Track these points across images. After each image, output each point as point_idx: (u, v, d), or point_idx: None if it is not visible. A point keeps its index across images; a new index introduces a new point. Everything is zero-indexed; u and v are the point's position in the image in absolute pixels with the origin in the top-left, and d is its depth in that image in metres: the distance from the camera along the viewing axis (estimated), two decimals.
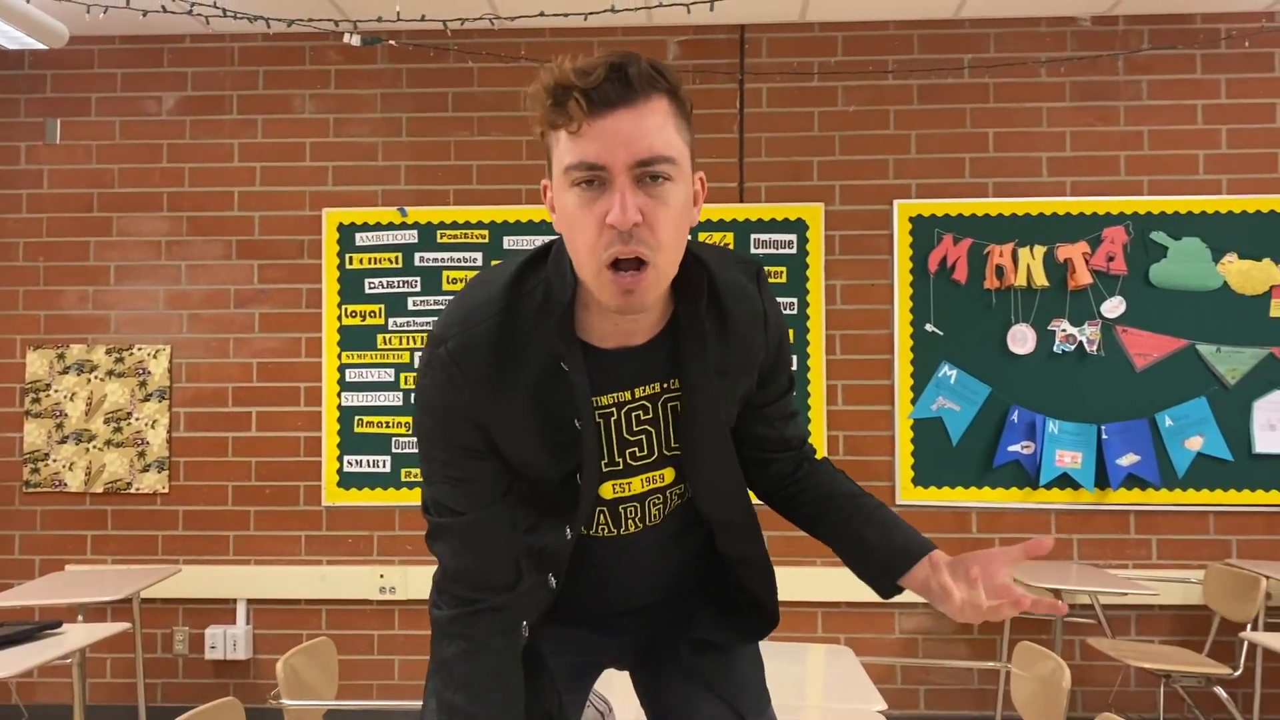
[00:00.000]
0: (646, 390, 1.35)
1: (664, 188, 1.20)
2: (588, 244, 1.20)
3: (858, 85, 4.48)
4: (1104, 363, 4.36)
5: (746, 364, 1.41)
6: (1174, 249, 4.38)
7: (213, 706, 2.22)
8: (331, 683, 2.89)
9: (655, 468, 1.38)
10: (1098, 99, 4.45)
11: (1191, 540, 4.35)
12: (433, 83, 4.58)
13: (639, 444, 1.36)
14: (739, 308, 1.37)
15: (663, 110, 1.21)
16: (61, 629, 3.12)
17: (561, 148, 1.21)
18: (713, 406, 1.36)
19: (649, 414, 1.35)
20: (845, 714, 2.08)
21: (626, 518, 1.42)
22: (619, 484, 1.38)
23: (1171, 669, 3.96)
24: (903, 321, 4.42)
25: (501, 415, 1.30)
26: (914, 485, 4.39)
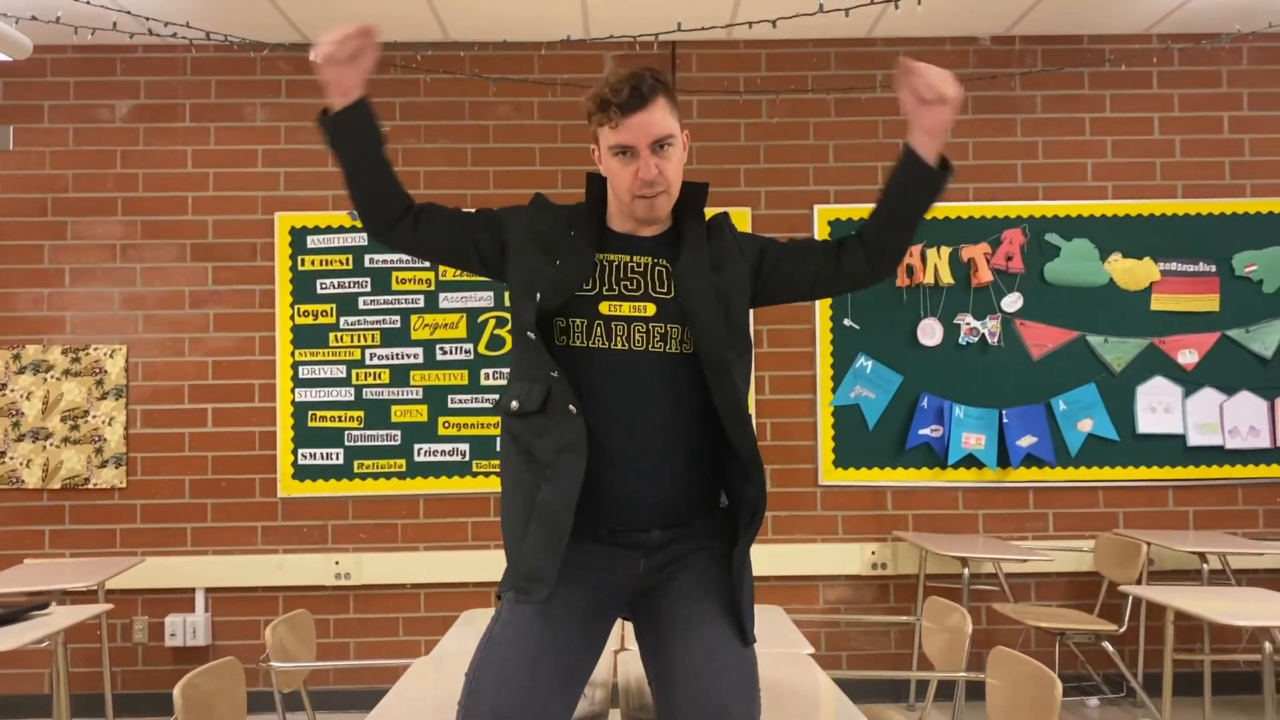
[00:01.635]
0: (642, 259, 1.93)
1: (668, 151, 1.88)
2: (626, 186, 1.88)
3: (779, 99, 4.84)
4: (1004, 353, 4.78)
5: (731, 259, 1.95)
6: (1066, 249, 4.82)
7: (216, 665, 2.45)
8: (310, 652, 3.13)
9: (641, 300, 1.88)
10: (997, 112, 4.88)
11: (1083, 513, 4.80)
12: (381, 93, 4.79)
13: (630, 282, 1.90)
14: (717, 227, 2.01)
15: (663, 105, 1.86)
16: (50, 610, 3.29)
17: (606, 134, 1.88)
18: (702, 272, 1.90)
19: (641, 269, 1.92)
20: (778, 657, 2.41)
21: (617, 334, 1.86)
22: (612, 304, 1.88)
23: (1066, 627, 4.39)
24: (823, 317, 4.79)
25: (541, 227, 1.94)
26: (835, 467, 4.76)
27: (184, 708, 2.21)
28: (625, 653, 2.62)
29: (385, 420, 4.71)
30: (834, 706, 2.18)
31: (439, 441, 4.71)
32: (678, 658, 1.79)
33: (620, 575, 1.88)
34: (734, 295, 1.92)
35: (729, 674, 1.76)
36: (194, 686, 2.31)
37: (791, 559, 4.73)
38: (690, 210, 1.98)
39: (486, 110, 4.82)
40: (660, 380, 1.86)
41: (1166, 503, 4.81)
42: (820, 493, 4.78)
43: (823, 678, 2.43)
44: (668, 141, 1.86)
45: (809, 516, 4.77)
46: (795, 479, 4.76)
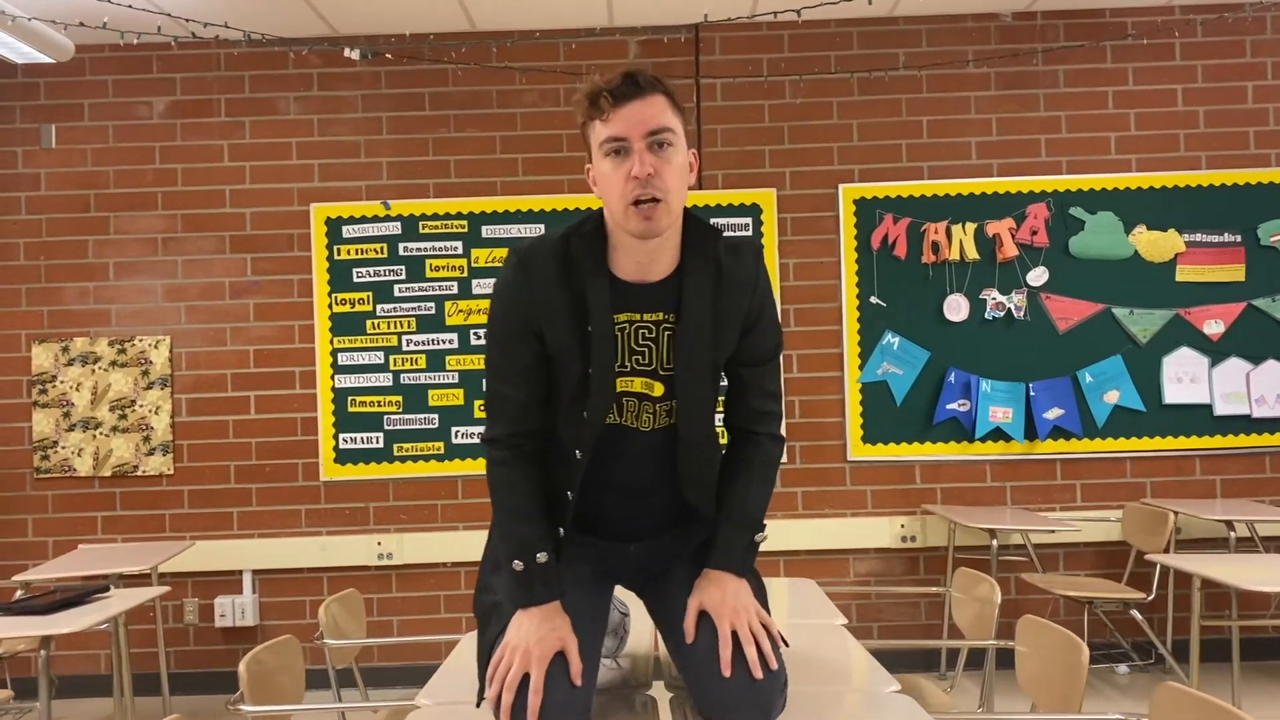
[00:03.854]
0: (652, 316, 1.79)
1: (667, 151, 1.70)
2: (618, 192, 1.70)
3: (803, 80, 4.89)
4: (1030, 327, 4.83)
5: (734, 315, 1.83)
6: (1090, 222, 4.85)
7: (276, 643, 2.56)
8: (361, 629, 3.26)
9: (651, 377, 1.81)
10: (1020, 88, 4.91)
11: (1111, 483, 4.85)
12: (410, 84, 4.90)
13: (642, 354, 1.80)
14: (735, 268, 1.82)
15: (662, 103, 1.72)
16: (110, 593, 3.43)
17: (596, 132, 1.72)
18: (703, 335, 1.79)
19: (651, 334, 1.79)
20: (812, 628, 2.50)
21: (628, 411, 1.83)
22: (625, 381, 1.81)
23: (1094, 596, 4.46)
24: (849, 295, 4.86)
25: (549, 309, 1.77)
26: (863, 442, 4.84)
27: (249, 682, 2.33)
28: None
29: (423, 404, 4.83)
30: (868, 675, 2.27)
31: (475, 424, 4.82)
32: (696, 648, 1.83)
33: (614, 556, 1.98)
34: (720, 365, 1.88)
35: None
36: (257, 662, 2.42)
37: (822, 533, 4.82)
38: (696, 251, 1.80)
39: (514, 98, 4.90)
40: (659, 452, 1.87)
41: (1194, 472, 4.85)
42: (849, 468, 4.86)
43: (856, 647, 2.51)
44: (666, 138, 1.69)
45: (838, 491, 4.85)
46: (824, 455, 4.85)
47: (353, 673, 3.28)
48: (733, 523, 1.91)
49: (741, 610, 1.81)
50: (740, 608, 1.81)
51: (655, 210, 1.69)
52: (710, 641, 1.78)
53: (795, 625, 2.72)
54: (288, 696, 2.54)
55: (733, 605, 1.81)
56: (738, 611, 1.80)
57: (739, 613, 1.80)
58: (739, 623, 1.78)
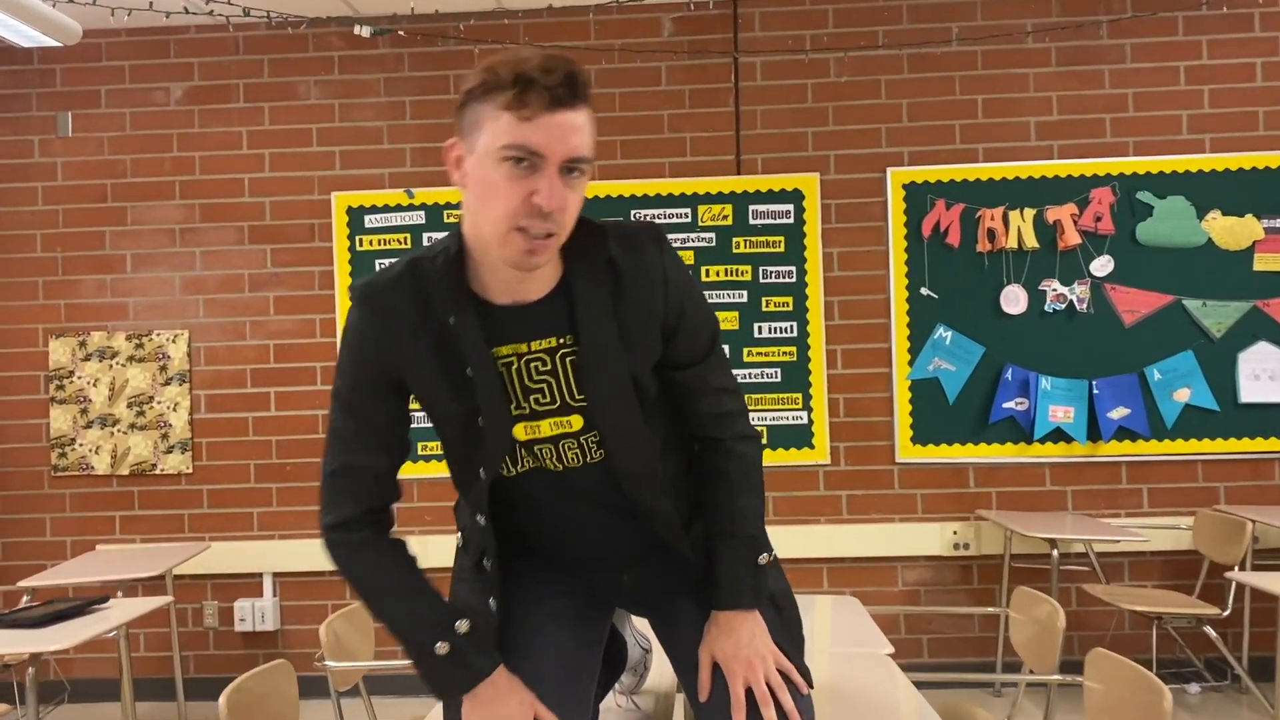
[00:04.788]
0: (542, 344, 1.48)
1: (577, 180, 1.40)
2: (508, 210, 1.36)
3: (849, 57, 4.59)
4: (1094, 320, 4.51)
5: (646, 321, 1.51)
6: (1159, 208, 4.51)
7: (267, 669, 2.37)
8: (369, 646, 3.05)
9: (561, 414, 1.50)
10: (1083, 63, 4.57)
11: (1181, 488, 4.52)
12: (434, 66, 4.68)
13: (541, 392, 1.50)
14: (634, 268, 1.50)
15: (586, 118, 1.40)
16: (108, 604, 3.27)
17: (501, 125, 1.35)
18: (610, 358, 1.48)
19: (547, 366, 1.48)
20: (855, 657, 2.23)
21: (544, 456, 1.54)
22: (529, 426, 1.51)
23: (1163, 611, 4.14)
24: (898, 286, 4.56)
25: (407, 353, 1.48)
26: (913, 443, 4.55)
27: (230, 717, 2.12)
28: None
29: None
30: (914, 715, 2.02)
31: None
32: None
33: (604, 585, 1.71)
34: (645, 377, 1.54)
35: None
36: (242, 692, 2.22)
37: (868, 540, 4.54)
38: (582, 255, 1.48)
39: None
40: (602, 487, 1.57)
41: (1273, 476, 4.50)
42: (898, 470, 4.57)
43: (903, 683, 2.26)
44: (581, 167, 1.38)
45: (886, 495, 4.57)
46: (871, 457, 4.56)
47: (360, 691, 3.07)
48: (727, 550, 1.61)
49: (756, 662, 1.56)
50: (755, 658, 1.56)
51: (545, 245, 1.39)
52: (726, 697, 1.55)
53: (836, 655, 2.47)
54: None
55: (746, 658, 1.56)
56: (751, 665, 1.55)
57: (753, 666, 1.55)
58: (754, 678, 1.54)
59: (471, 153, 1.39)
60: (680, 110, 4.63)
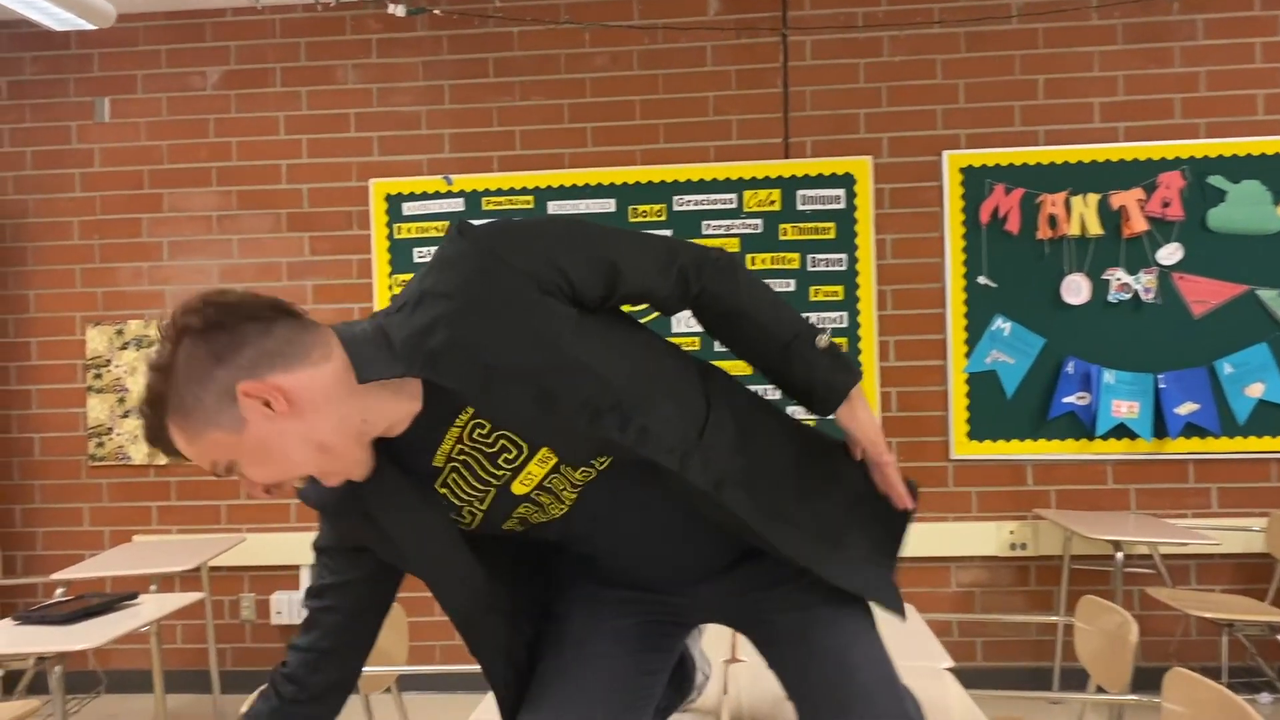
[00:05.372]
0: (459, 424, 1.35)
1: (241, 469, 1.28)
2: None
3: (903, 35, 4.40)
4: (1160, 311, 4.29)
5: (511, 322, 1.30)
6: (1232, 192, 4.28)
7: None
8: (403, 644, 2.95)
9: (533, 454, 1.37)
10: (1151, 40, 4.34)
11: (1253, 488, 4.29)
12: (473, 49, 4.56)
13: (505, 449, 1.36)
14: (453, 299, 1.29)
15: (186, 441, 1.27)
16: (138, 600, 3.20)
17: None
18: (509, 394, 1.31)
19: (484, 428, 1.35)
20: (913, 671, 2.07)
21: (559, 490, 1.41)
22: (523, 479, 1.39)
23: (1234, 618, 3.92)
24: (955, 275, 4.38)
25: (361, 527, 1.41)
26: (969, 439, 4.36)
27: None
28: (736, 664, 2.34)
29: None
30: None
31: None
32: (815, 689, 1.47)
33: (681, 599, 1.57)
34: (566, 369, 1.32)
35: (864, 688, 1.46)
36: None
37: (921, 539, 4.34)
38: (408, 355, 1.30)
39: (583, 62, 4.52)
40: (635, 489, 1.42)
41: None
42: (952, 467, 4.39)
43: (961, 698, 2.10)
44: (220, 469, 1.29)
45: (940, 493, 4.39)
46: (924, 453, 4.39)
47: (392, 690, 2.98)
48: (793, 363, 1.49)
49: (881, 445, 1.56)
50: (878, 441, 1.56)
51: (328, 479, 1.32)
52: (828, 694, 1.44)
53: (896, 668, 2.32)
54: None
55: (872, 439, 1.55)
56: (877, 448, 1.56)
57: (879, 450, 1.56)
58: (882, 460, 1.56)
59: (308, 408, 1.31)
60: (726, 91, 4.46)
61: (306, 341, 1.26)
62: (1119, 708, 2.82)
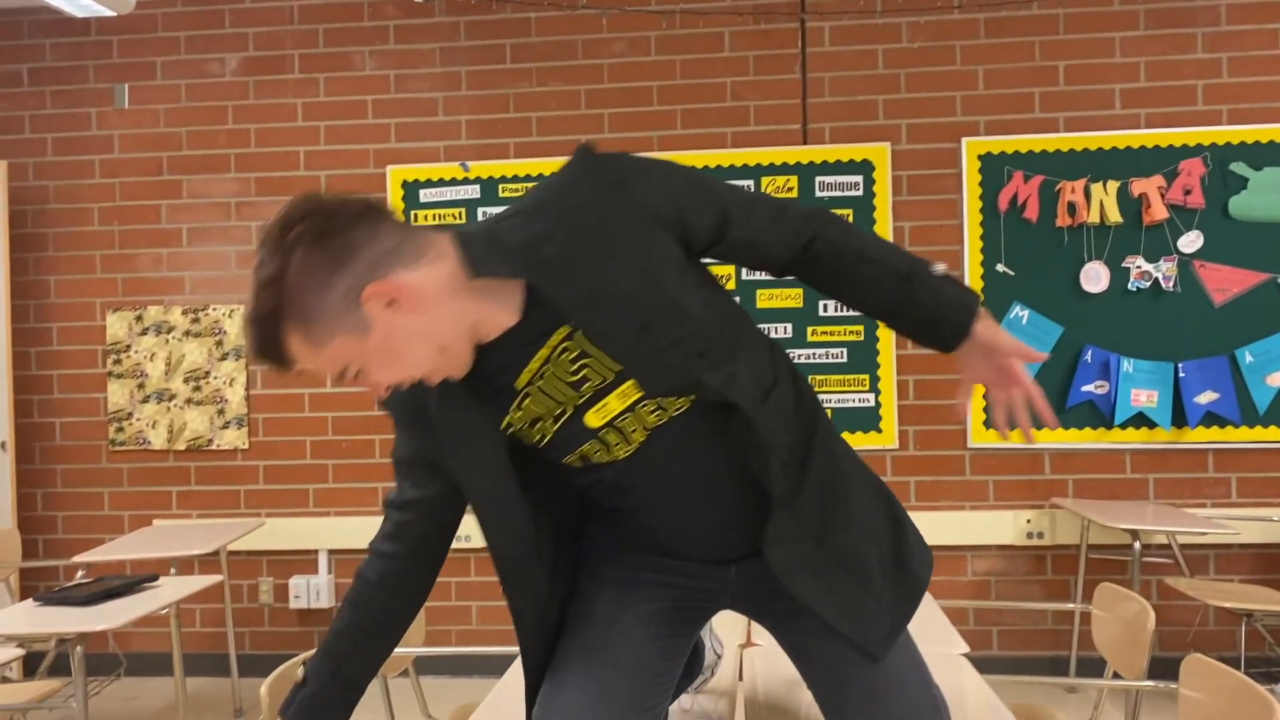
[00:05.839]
0: (553, 339, 1.35)
1: (358, 372, 1.30)
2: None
3: (922, 20, 4.38)
4: (1180, 299, 4.26)
5: (623, 246, 1.32)
6: (1255, 180, 4.24)
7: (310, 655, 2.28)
8: (419, 629, 2.97)
9: (617, 385, 1.37)
10: (1173, 26, 4.30)
11: (1273, 478, 4.27)
12: (490, 34, 4.56)
13: (586, 378, 1.37)
14: (572, 219, 1.32)
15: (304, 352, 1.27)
16: (159, 582, 3.23)
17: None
18: (614, 317, 1.32)
19: (572, 353, 1.35)
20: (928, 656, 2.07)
21: (628, 430, 1.40)
22: (599, 410, 1.39)
23: (1253, 608, 3.90)
24: (973, 262, 4.36)
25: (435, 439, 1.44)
26: (986, 428, 4.35)
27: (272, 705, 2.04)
28: (753, 649, 2.35)
29: None
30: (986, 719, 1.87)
31: None
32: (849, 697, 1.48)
33: (709, 581, 1.56)
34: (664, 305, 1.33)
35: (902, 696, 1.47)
36: (286, 679, 2.13)
37: (937, 527, 4.35)
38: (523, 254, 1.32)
39: (600, 48, 4.51)
40: (696, 438, 1.42)
41: None
42: (969, 456, 4.37)
43: (977, 684, 2.10)
44: (342, 370, 1.29)
45: (957, 482, 4.38)
46: (942, 441, 4.37)
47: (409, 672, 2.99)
48: (916, 296, 1.48)
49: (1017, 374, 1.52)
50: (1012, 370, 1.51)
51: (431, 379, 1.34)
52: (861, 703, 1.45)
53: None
54: None
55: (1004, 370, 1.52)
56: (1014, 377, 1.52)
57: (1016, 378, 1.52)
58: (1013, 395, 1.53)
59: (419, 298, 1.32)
60: (744, 77, 4.45)
61: (418, 239, 1.27)
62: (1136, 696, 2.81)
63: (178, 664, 3.46)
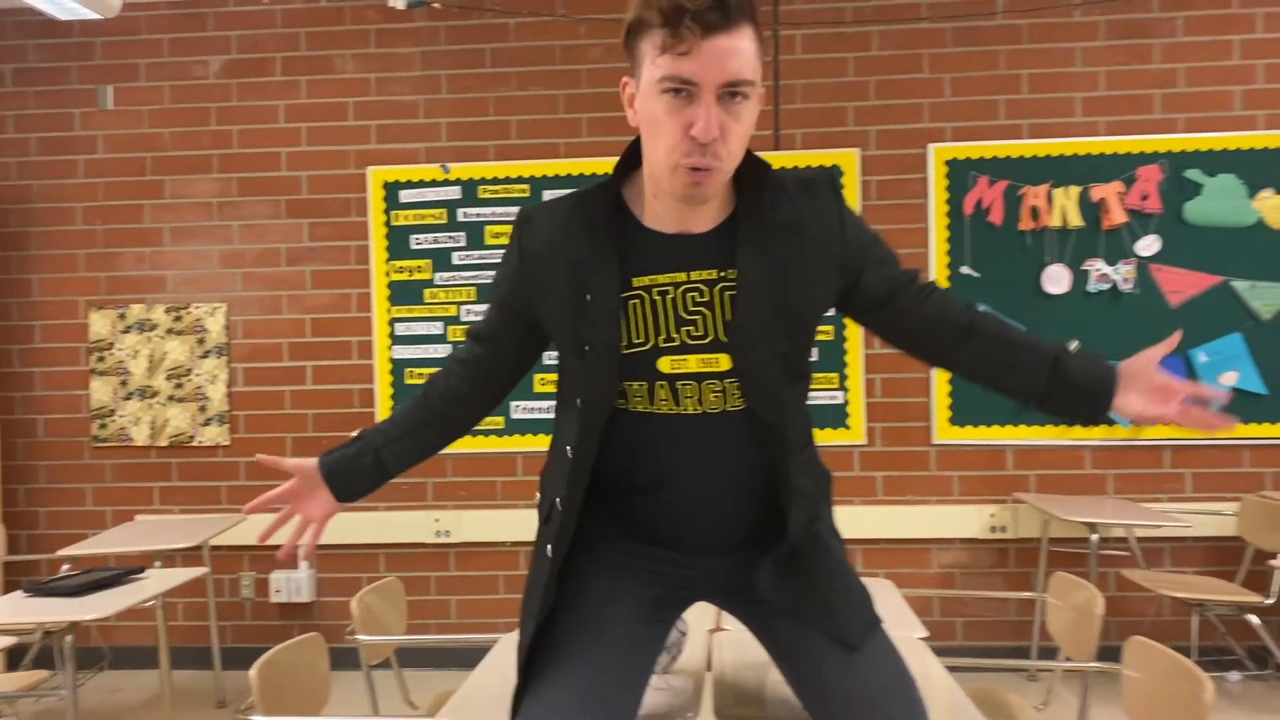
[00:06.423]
0: (703, 275, 1.49)
1: (740, 106, 1.40)
2: (669, 145, 1.40)
3: (892, 30, 4.51)
4: (1138, 301, 4.41)
5: (820, 259, 1.52)
6: (1209, 186, 4.40)
7: (297, 642, 2.37)
8: (401, 620, 3.06)
9: (711, 350, 1.50)
10: (1132, 37, 4.45)
11: (1226, 473, 4.42)
12: (471, 39, 4.65)
13: (694, 324, 1.49)
14: (808, 206, 1.52)
15: (749, 37, 1.38)
16: (145, 574, 3.30)
17: (659, 61, 1.38)
18: (766, 295, 1.48)
19: (704, 297, 1.49)
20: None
21: (684, 396, 1.52)
22: (676, 360, 1.51)
23: (1205, 598, 4.06)
24: (939, 264, 4.49)
25: (540, 276, 1.54)
26: (951, 424, 4.49)
27: (262, 690, 2.13)
28: (722, 633, 2.46)
29: None
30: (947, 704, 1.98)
31: (535, 399, 4.59)
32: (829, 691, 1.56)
33: (694, 571, 1.67)
34: (801, 326, 1.53)
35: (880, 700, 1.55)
36: (273, 665, 2.23)
37: (903, 521, 4.49)
38: (754, 190, 1.50)
39: (578, 54, 4.61)
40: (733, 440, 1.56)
41: None
42: (934, 451, 4.51)
43: (935, 667, 2.22)
44: (743, 91, 1.38)
45: (922, 477, 4.51)
46: (908, 438, 4.51)
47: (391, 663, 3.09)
48: (1057, 374, 1.59)
49: (1170, 386, 1.56)
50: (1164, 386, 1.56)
51: (708, 177, 1.41)
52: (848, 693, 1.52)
53: None
54: (309, 701, 2.34)
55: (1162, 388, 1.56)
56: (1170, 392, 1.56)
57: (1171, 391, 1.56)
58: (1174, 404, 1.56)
59: (639, 89, 1.44)
60: None
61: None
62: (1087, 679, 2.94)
63: (164, 655, 3.53)
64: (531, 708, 1.50)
